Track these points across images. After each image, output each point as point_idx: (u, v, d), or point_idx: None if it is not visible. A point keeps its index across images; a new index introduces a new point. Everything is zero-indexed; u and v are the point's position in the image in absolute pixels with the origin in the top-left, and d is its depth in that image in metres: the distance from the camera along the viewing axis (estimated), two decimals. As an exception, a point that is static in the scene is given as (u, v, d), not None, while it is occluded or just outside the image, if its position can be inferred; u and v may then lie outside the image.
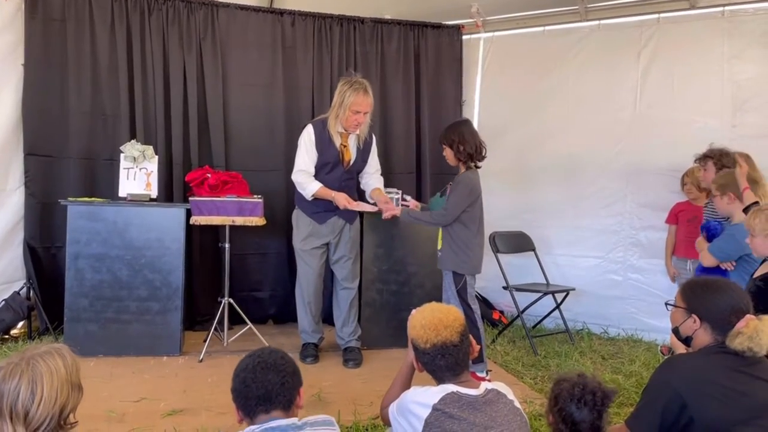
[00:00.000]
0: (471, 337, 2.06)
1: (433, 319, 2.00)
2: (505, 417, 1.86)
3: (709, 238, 3.53)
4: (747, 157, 3.87)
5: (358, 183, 4.24)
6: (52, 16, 4.43)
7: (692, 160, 4.20)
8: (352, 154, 4.02)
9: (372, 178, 4.18)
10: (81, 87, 4.50)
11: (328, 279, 4.33)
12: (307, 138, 3.92)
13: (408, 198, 4.13)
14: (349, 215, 4.03)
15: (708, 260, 3.44)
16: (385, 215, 3.87)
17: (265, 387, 1.76)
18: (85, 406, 3.06)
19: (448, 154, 3.62)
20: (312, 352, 4.08)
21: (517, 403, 1.95)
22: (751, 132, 4.42)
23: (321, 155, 3.92)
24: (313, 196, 3.90)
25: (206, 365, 3.88)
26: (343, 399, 3.33)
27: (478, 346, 2.66)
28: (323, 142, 3.92)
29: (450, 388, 1.90)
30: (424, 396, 1.89)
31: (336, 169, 3.98)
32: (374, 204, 4.02)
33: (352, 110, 3.79)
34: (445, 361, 1.95)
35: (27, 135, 4.37)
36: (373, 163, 4.19)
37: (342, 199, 3.86)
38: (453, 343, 1.96)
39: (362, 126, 3.93)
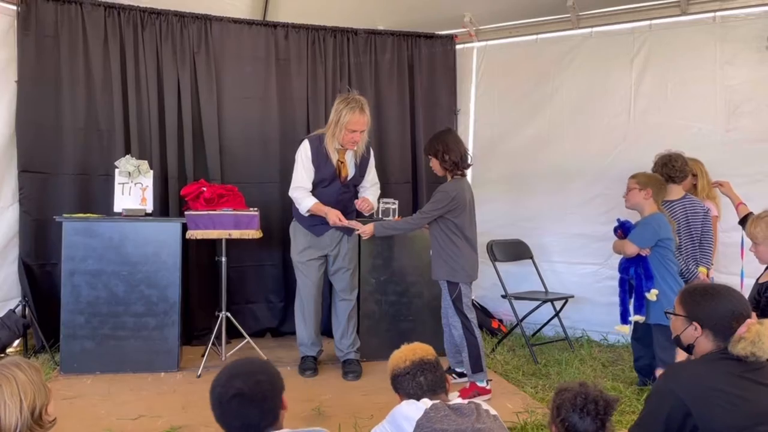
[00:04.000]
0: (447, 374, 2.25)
1: (408, 346, 2.25)
2: (486, 419, 2.01)
3: (625, 233, 3.79)
4: (702, 164, 4.22)
5: (357, 196, 4.20)
6: (45, 32, 4.42)
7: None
8: (349, 170, 4.01)
9: (368, 191, 4.16)
10: (75, 103, 4.49)
11: (327, 291, 4.32)
12: (304, 154, 3.94)
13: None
14: (346, 227, 4.01)
15: (631, 249, 3.68)
16: (359, 231, 3.84)
17: (243, 419, 1.72)
18: (83, 424, 3.06)
19: (435, 164, 3.66)
20: (311, 365, 4.06)
21: (493, 411, 2.09)
22: (745, 136, 4.44)
23: (318, 171, 3.93)
24: (308, 212, 3.91)
25: (205, 380, 3.84)
26: (343, 412, 3.30)
27: (452, 380, 2.77)
28: (320, 158, 3.92)
29: (435, 401, 2.05)
30: (415, 405, 2.03)
31: (333, 184, 3.97)
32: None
33: (348, 129, 3.80)
34: (424, 378, 2.11)
35: (21, 152, 4.35)
36: (370, 178, 4.17)
37: (333, 216, 3.84)
38: (430, 361, 2.15)
39: (359, 143, 3.94)
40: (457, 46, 5.51)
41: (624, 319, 3.79)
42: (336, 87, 5.13)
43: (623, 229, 3.83)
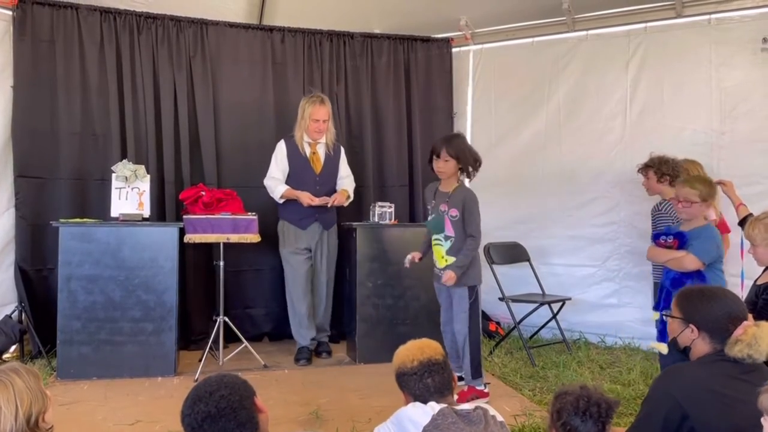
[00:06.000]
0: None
1: (416, 343, 2.15)
2: (494, 426, 1.95)
3: (682, 244, 3.44)
4: (700, 166, 4.13)
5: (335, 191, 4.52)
6: (41, 37, 4.41)
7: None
8: (321, 160, 4.47)
9: (343, 182, 4.57)
10: (71, 107, 4.48)
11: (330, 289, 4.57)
12: (279, 152, 4.44)
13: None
14: (325, 220, 4.46)
15: (695, 264, 3.35)
16: (332, 202, 4.36)
17: None
18: (80, 430, 3.04)
19: (451, 165, 3.49)
20: (305, 354, 4.38)
21: (500, 417, 2.03)
22: (740, 138, 4.46)
23: (293, 165, 4.41)
24: (281, 197, 4.36)
25: (202, 385, 3.83)
26: (340, 416, 3.30)
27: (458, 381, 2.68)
28: (294, 153, 4.41)
29: (442, 405, 1.98)
30: (423, 409, 1.96)
31: (309, 177, 4.41)
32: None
33: (313, 119, 4.33)
34: (432, 380, 2.04)
35: (17, 157, 4.34)
36: (344, 169, 4.60)
37: (305, 197, 4.29)
38: (438, 361, 2.08)
39: (327, 134, 4.45)
40: (454, 49, 5.52)
41: (664, 336, 3.37)
42: (333, 90, 5.14)
43: (680, 240, 3.43)
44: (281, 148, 4.44)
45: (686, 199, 3.36)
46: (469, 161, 3.49)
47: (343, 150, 4.63)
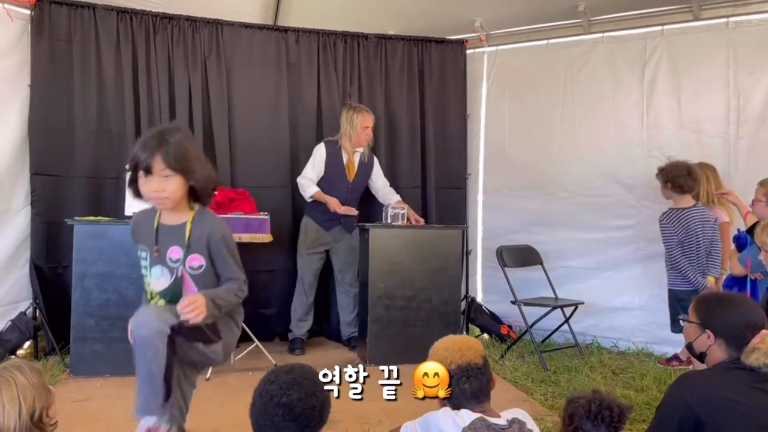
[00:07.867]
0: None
1: (456, 342, 2.01)
2: None
3: (740, 247, 3.44)
4: (713, 170, 4.17)
5: (362, 198, 4.78)
6: (58, 36, 4.45)
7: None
8: (356, 169, 4.68)
9: (388, 195, 4.80)
10: (87, 106, 4.51)
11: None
12: (318, 155, 4.62)
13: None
14: (348, 225, 4.66)
15: (737, 269, 3.35)
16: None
17: (277, 430, 1.61)
18: (92, 427, 3.06)
19: (176, 184, 2.29)
20: (299, 344, 4.67)
21: (537, 430, 1.94)
22: (758, 143, 4.40)
23: (330, 170, 4.60)
24: (311, 197, 4.57)
25: (213, 384, 3.85)
26: (350, 417, 3.28)
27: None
28: (333, 159, 4.61)
29: (476, 414, 1.88)
30: (453, 419, 1.87)
31: (342, 183, 4.62)
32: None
33: (363, 126, 4.53)
34: (470, 385, 1.93)
35: (33, 155, 4.37)
36: (381, 177, 4.82)
37: (333, 204, 4.50)
38: (477, 365, 1.96)
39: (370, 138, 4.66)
40: (468, 51, 5.50)
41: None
42: (346, 91, 5.15)
43: (738, 243, 3.39)
44: (321, 151, 4.61)
45: (755, 197, 3.38)
46: (201, 180, 2.27)
47: (375, 158, 4.82)
